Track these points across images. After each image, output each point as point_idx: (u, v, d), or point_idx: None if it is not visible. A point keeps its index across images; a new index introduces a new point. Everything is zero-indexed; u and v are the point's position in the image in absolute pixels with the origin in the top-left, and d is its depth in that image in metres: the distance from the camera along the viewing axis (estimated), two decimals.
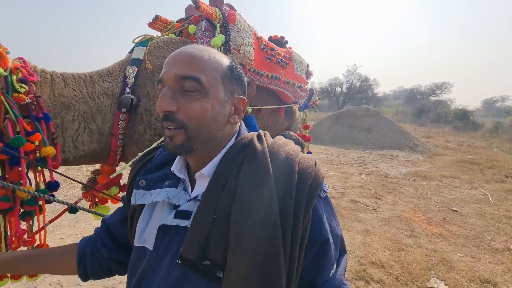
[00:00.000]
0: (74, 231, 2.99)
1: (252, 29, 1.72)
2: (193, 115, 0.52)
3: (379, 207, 4.08)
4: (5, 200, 0.93)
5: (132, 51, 1.40)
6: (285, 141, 0.59)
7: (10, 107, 0.94)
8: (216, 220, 0.48)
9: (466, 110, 20.30)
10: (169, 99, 0.51)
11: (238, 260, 0.44)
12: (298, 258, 0.47)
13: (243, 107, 0.60)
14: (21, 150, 0.94)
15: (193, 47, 0.55)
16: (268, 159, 0.52)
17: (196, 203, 0.53)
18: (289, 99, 2.14)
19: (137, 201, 0.58)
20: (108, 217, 0.74)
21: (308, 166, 0.53)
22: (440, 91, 35.60)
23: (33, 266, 0.68)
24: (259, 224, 0.45)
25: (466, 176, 6.00)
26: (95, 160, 1.31)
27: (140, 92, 1.30)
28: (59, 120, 1.12)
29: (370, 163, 7.30)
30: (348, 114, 11.85)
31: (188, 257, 0.47)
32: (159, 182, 0.59)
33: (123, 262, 0.68)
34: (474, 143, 11.37)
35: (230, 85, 0.57)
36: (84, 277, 0.70)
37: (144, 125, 1.27)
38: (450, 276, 2.42)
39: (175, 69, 0.52)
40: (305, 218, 0.48)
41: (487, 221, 3.70)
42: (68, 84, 1.17)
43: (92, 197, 1.35)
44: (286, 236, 0.46)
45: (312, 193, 0.50)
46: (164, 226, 0.54)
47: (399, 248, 2.87)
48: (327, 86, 34.01)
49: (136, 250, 0.58)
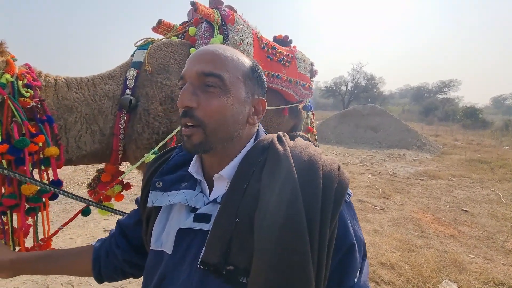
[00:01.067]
0: (84, 231, 3.02)
1: (252, 29, 1.73)
2: (213, 112, 0.51)
3: (387, 207, 4.02)
4: (11, 197, 0.99)
5: (134, 54, 1.44)
6: (306, 143, 0.58)
7: (16, 110, 1.00)
8: (239, 224, 0.46)
9: (475, 108, 19.92)
10: (190, 94, 0.51)
11: (265, 267, 0.43)
12: (326, 265, 0.46)
13: (263, 109, 0.59)
14: (26, 151, 1.00)
15: (216, 46, 0.55)
16: (292, 161, 0.50)
17: (215, 206, 0.52)
18: (292, 98, 2.13)
19: (154, 203, 0.57)
20: (123, 219, 0.73)
21: (333, 170, 0.51)
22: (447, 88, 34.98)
23: (49, 267, 0.68)
24: (285, 230, 0.44)
25: (476, 176, 5.89)
26: (98, 160, 1.35)
27: (139, 93, 1.34)
28: (63, 122, 1.17)
29: (377, 163, 7.22)
30: (354, 113, 11.73)
31: (210, 261, 0.46)
32: (176, 184, 0.58)
33: (137, 264, 0.68)
34: (484, 141, 11.15)
35: (251, 85, 0.57)
36: (99, 279, 0.70)
37: (143, 124, 1.31)
38: (463, 278, 2.36)
39: (198, 65, 0.52)
40: (332, 223, 0.47)
41: (500, 221, 3.62)
42: (71, 87, 1.22)
43: (97, 195, 1.40)
44: (314, 242, 0.44)
45: (338, 198, 0.48)
46: (182, 230, 0.53)
47: (409, 249, 2.82)
48: (332, 84, 33.76)
49: (153, 254, 0.57)
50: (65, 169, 5.05)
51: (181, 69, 1.43)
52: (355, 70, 32.21)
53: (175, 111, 1.36)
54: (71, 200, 3.87)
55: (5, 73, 1.01)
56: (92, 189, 1.40)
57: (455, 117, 19.83)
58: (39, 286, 2.10)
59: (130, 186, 1.45)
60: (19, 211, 1.03)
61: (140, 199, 0.68)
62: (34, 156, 1.05)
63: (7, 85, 1.01)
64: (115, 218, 3.33)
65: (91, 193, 1.41)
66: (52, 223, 1.21)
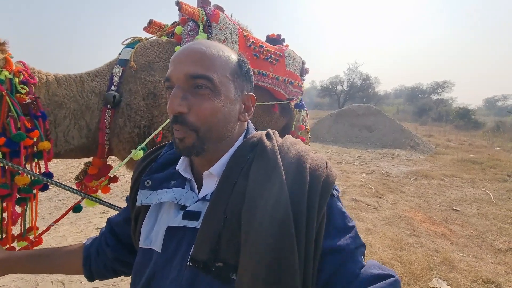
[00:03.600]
0: (75, 229, 2.98)
1: (238, 27, 1.76)
2: (205, 116, 0.50)
3: (381, 206, 4.06)
4: (4, 187, 1.04)
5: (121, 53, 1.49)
6: (295, 140, 0.58)
7: (13, 106, 1.05)
8: (227, 220, 0.46)
9: (467, 109, 20.14)
10: (180, 99, 0.50)
11: (250, 260, 0.43)
12: (314, 257, 0.46)
13: (253, 104, 0.59)
14: (21, 145, 1.05)
15: (200, 43, 0.53)
16: (278, 156, 0.50)
17: (204, 204, 0.52)
18: (281, 96, 2.15)
19: (143, 201, 0.56)
20: (113, 217, 0.72)
21: (320, 165, 0.52)
22: (441, 89, 35.37)
23: (39, 265, 0.68)
24: (270, 221, 0.44)
25: (468, 176, 5.98)
26: (85, 154, 1.40)
27: (123, 89, 1.39)
28: (53, 117, 1.22)
29: (371, 162, 7.28)
30: (349, 112, 11.80)
31: (199, 258, 0.46)
32: (165, 182, 0.57)
33: (128, 262, 0.67)
34: (476, 142, 11.31)
35: (240, 82, 0.56)
36: (90, 278, 0.69)
37: (124, 118, 1.36)
38: (453, 276, 2.40)
39: (185, 67, 0.50)
40: (319, 215, 0.47)
41: (489, 220, 3.68)
42: (61, 84, 1.27)
43: (84, 187, 1.46)
44: (300, 234, 0.44)
45: (325, 190, 0.49)
46: (172, 228, 0.52)
47: (401, 248, 2.85)
48: (327, 84, 33.86)
49: (142, 252, 0.56)
50: (57, 166, 4.99)
51: (166, 67, 1.47)
52: (351, 70, 32.37)
53: (157, 106, 1.41)
54: (62, 197, 3.82)
55: (4, 70, 1.06)
56: (80, 181, 1.46)
57: (448, 118, 20.05)
58: (29, 284, 2.07)
59: (117, 179, 1.48)
60: (10, 200, 1.07)
61: (129, 197, 0.67)
62: (28, 150, 1.10)
63: (6, 81, 1.05)
64: (106, 216, 3.30)
65: (78, 185, 1.47)
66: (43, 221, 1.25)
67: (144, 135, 1.38)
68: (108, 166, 1.45)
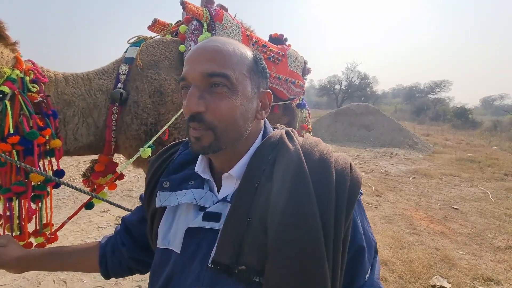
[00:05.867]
0: (76, 228, 2.97)
1: (241, 27, 1.78)
2: (223, 115, 0.49)
3: (380, 204, 4.08)
4: (20, 184, 1.07)
5: (127, 51, 1.51)
6: (316, 139, 0.57)
7: (25, 105, 1.06)
8: (251, 223, 0.46)
9: (465, 108, 20.24)
10: (197, 99, 0.48)
11: (279, 268, 0.42)
12: (341, 264, 0.45)
13: (269, 101, 0.58)
14: (35, 143, 1.07)
15: (215, 40, 0.52)
16: (303, 160, 0.49)
17: (225, 205, 0.51)
18: (283, 95, 2.17)
19: (163, 203, 0.55)
20: (127, 216, 0.72)
21: (345, 167, 0.50)
22: (439, 89, 35.56)
23: (55, 263, 0.69)
24: (300, 231, 0.43)
25: (466, 174, 6.02)
26: (92, 151, 1.42)
27: (130, 87, 1.41)
28: (62, 115, 1.24)
29: (370, 161, 7.30)
30: (347, 111, 11.81)
31: (221, 261, 0.45)
32: (184, 183, 0.56)
33: (143, 261, 0.67)
34: (473, 141, 11.38)
35: (256, 78, 0.54)
36: (106, 275, 0.69)
37: (132, 116, 1.38)
38: (453, 274, 2.42)
39: (201, 65, 0.49)
40: (346, 223, 0.46)
41: (488, 219, 3.71)
42: (69, 83, 1.28)
43: (90, 184, 1.49)
44: (329, 242, 0.43)
45: (352, 196, 0.48)
46: (192, 229, 0.52)
47: (401, 246, 2.87)
48: (326, 83, 33.91)
49: (160, 252, 0.55)
50: None
51: (171, 65, 1.50)
52: (349, 69, 32.44)
53: (163, 104, 1.43)
54: (62, 196, 3.81)
55: (15, 69, 1.07)
56: (87, 178, 1.48)
57: (446, 117, 20.15)
58: (31, 283, 2.06)
59: (123, 176, 1.49)
60: (26, 197, 1.11)
61: (144, 197, 0.67)
62: (41, 148, 1.13)
63: (17, 80, 1.07)
64: (108, 215, 3.29)
65: (85, 182, 1.49)
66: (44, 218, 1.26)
67: (151, 132, 1.39)
68: (114, 163, 1.47)
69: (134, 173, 4.82)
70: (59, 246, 1.11)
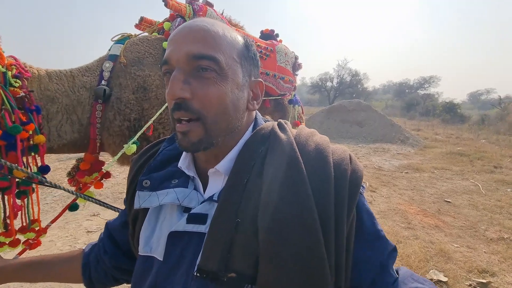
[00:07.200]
0: (64, 233, 2.86)
1: (227, 22, 1.75)
2: (211, 102, 0.43)
3: (375, 200, 4.09)
4: (3, 179, 1.04)
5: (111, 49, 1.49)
6: (311, 130, 0.52)
7: (8, 99, 1.04)
8: (240, 224, 0.40)
9: (453, 103, 20.61)
10: (181, 83, 0.42)
11: (273, 273, 0.38)
12: (346, 264, 0.41)
13: (261, 92, 0.52)
14: (18, 138, 1.05)
15: (203, 20, 0.46)
16: (297, 150, 0.44)
17: (211, 205, 0.46)
18: (272, 91, 2.13)
19: (142, 204, 0.49)
20: (111, 221, 0.66)
21: (344, 158, 0.46)
22: (428, 84, 36.22)
23: (37, 274, 0.63)
24: (296, 229, 0.38)
25: (457, 168, 6.11)
26: (77, 149, 1.39)
27: (113, 84, 1.39)
28: (45, 112, 1.22)
29: (363, 157, 7.35)
30: (339, 108, 11.87)
31: (208, 268, 0.40)
32: (166, 182, 0.50)
33: (128, 270, 0.61)
34: (462, 135, 11.61)
35: (248, 65, 0.49)
36: (90, 286, 0.63)
37: (114, 112, 1.36)
38: (449, 267, 2.43)
39: (186, 46, 0.43)
40: (348, 218, 0.41)
41: (480, 211, 3.76)
42: (52, 79, 1.27)
43: (76, 183, 1.47)
44: (329, 241, 0.39)
45: (354, 188, 0.43)
46: (175, 233, 0.46)
47: (397, 241, 2.87)
48: (317, 81, 34.11)
49: (142, 260, 0.50)
50: None
51: (155, 62, 1.49)
52: (340, 66, 32.70)
53: (147, 99, 1.42)
54: (49, 201, 3.68)
55: None
56: (72, 177, 1.46)
57: (435, 112, 20.48)
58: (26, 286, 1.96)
59: (109, 174, 1.46)
60: (10, 193, 1.08)
61: (125, 199, 0.61)
62: (24, 143, 1.11)
63: None
64: (97, 219, 3.19)
65: (70, 181, 1.47)
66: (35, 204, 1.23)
67: (135, 128, 1.38)
68: (100, 162, 1.45)
69: (125, 175, 4.71)
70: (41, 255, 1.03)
